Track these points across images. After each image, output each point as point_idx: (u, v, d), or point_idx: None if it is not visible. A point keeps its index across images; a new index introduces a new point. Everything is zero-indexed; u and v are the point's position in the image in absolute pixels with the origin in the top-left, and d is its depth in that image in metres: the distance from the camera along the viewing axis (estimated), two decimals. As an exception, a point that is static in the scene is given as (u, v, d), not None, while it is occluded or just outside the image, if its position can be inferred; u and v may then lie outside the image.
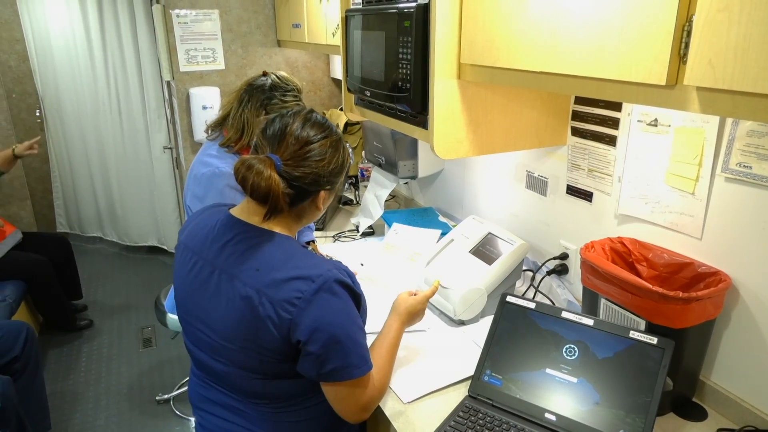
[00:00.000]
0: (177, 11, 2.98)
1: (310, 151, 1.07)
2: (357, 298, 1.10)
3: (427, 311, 1.69)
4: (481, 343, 1.35)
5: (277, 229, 1.11)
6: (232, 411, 1.16)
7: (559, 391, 1.20)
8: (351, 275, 1.10)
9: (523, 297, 1.35)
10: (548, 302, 1.67)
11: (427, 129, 1.44)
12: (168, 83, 3.52)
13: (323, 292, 1.02)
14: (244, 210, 1.13)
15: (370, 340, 1.17)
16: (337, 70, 3.30)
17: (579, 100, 1.55)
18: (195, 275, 1.12)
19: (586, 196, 1.58)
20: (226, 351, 1.10)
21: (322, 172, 1.08)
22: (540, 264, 1.74)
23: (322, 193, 1.12)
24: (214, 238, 1.12)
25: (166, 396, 2.87)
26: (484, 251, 1.68)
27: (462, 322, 1.61)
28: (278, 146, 1.06)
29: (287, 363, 1.07)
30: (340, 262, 1.12)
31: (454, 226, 1.96)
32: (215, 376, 1.16)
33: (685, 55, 0.78)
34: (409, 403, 1.29)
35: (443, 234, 1.87)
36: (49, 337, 3.41)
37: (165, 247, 4.45)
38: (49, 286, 3.22)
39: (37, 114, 4.39)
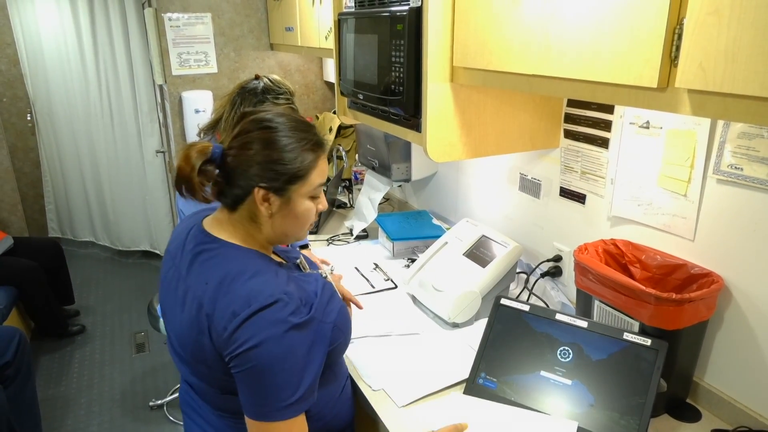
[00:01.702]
0: (169, 15, 2.97)
1: (243, 142, 1.04)
2: (309, 332, 1.01)
3: (421, 314, 1.69)
4: (476, 345, 1.35)
5: (236, 241, 1.07)
6: (203, 418, 1.17)
7: (554, 394, 1.20)
8: (312, 304, 1.03)
9: (517, 299, 1.35)
10: (542, 304, 1.67)
11: (420, 132, 1.44)
12: (160, 87, 3.51)
13: (258, 318, 0.96)
14: (214, 219, 1.11)
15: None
16: (330, 74, 3.30)
17: (571, 103, 1.55)
18: (168, 281, 1.12)
19: (579, 198, 1.58)
20: (184, 360, 1.09)
21: (247, 165, 1.02)
22: (534, 266, 1.74)
23: (259, 191, 1.03)
24: (184, 247, 1.11)
25: (159, 401, 2.85)
26: (478, 254, 1.68)
27: (456, 325, 1.61)
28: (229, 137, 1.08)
29: (233, 379, 1.02)
30: (316, 282, 1.08)
31: (447, 229, 1.96)
32: (189, 383, 1.16)
33: (676, 57, 0.78)
34: (403, 406, 1.29)
35: (437, 237, 1.87)
36: (40, 343, 3.38)
37: (158, 252, 4.42)
38: (41, 292, 3.19)
39: (28, 118, 4.36)
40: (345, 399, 1.25)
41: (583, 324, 1.24)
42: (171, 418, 2.75)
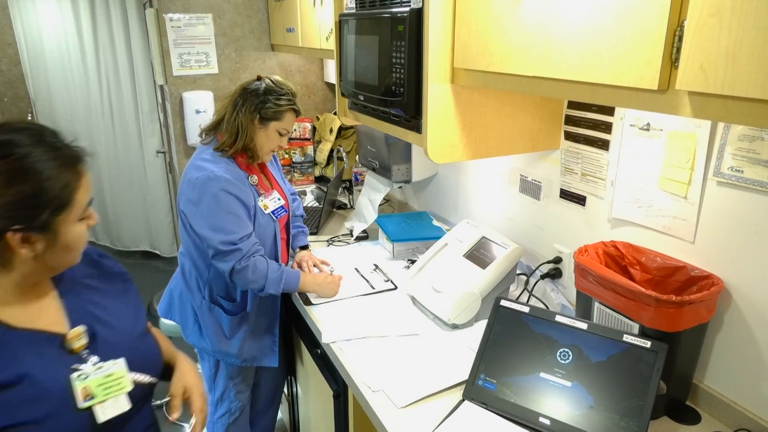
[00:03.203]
0: (170, 15, 2.97)
1: None
2: None
3: (421, 315, 1.69)
4: (475, 347, 1.35)
5: None
6: None
7: (554, 395, 1.20)
8: None
9: (517, 301, 1.35)
10: (542, 306, 1.67)
11: (420, 133, 1.44)
12: (161, 87, 3.51)
13: None
14: None
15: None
16: (331, 75, 3.30)
17: (572, 105, 1.56)
18: None
19: (580, 200, 1.58)
20: None
21: None
22: (534, 268, 1.74)
23: (14, 236, 0.84)
24: None
25: (159, 402, 2.84)
26: (478, 255, 1.68)
27: (456, 326, 1.61)
28: None
29: None
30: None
31: (448, 230, 1.96)
32: None
33: (677, 59, 0.78)
34: (402, 408, 1.29)
35: (437, 238, 1.87)
36: (40, 343, 3.37)
37: (158, 252, 4.42)
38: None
39: (29, 118, 4.36)
40: None
41: (583, 326, 1.23)
42: (171, 418, 2.75)
